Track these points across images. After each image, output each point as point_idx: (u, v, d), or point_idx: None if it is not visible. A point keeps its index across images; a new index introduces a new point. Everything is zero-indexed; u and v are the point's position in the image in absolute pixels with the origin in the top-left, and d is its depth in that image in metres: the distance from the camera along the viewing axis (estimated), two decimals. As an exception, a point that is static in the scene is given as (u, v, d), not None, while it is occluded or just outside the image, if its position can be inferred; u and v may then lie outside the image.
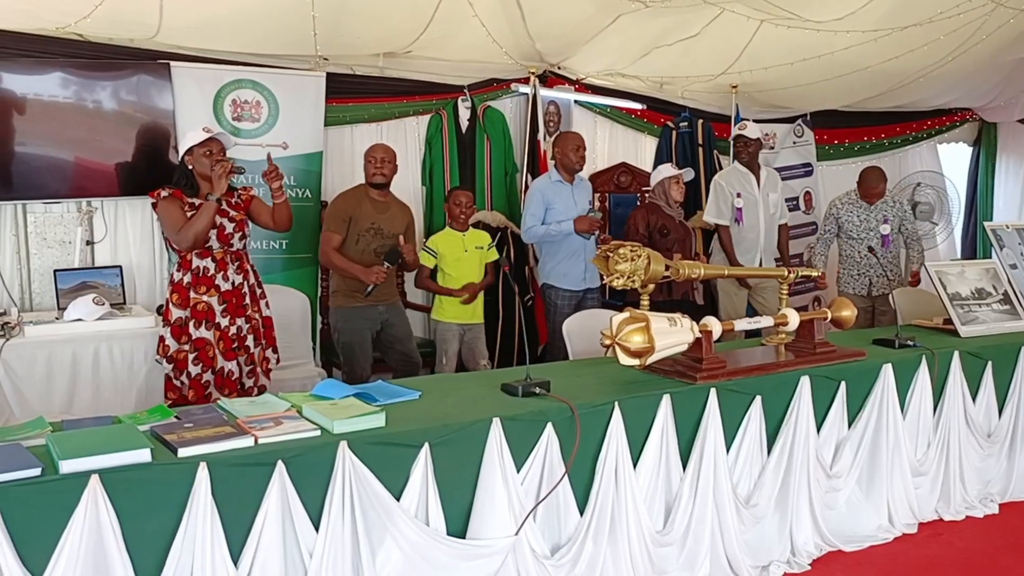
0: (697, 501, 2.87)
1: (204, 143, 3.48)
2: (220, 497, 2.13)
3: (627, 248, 3.17)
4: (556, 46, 5.23)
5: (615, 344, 2.85)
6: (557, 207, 4.69)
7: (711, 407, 2.92)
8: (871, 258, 5.00)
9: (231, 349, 3.53)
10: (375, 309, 4.12)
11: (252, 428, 2.32)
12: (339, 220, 4.05)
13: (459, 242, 4.55)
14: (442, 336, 4.52)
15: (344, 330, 4.13)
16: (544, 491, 2.60)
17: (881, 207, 5.11)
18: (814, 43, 5.17)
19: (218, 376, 3.52)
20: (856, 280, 5.12)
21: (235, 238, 3.56)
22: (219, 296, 3.51)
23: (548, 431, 2.61)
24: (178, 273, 3.53)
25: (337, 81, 4.86)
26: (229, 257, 3.55)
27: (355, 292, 4.08)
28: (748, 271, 4.27)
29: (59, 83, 4.17)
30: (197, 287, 3.49)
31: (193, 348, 3.47)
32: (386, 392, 2.74)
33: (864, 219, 5.09)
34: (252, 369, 3.62)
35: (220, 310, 3.51)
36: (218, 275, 3.51)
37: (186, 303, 3.48)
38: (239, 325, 3.56)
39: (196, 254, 3.49)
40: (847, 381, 3.28)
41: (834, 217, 5.17)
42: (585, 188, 4.86)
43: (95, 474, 2.00)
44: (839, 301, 3.49)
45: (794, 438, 3.09)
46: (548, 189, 4.73)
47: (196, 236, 3.42)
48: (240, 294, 3.57)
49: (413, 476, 2.39)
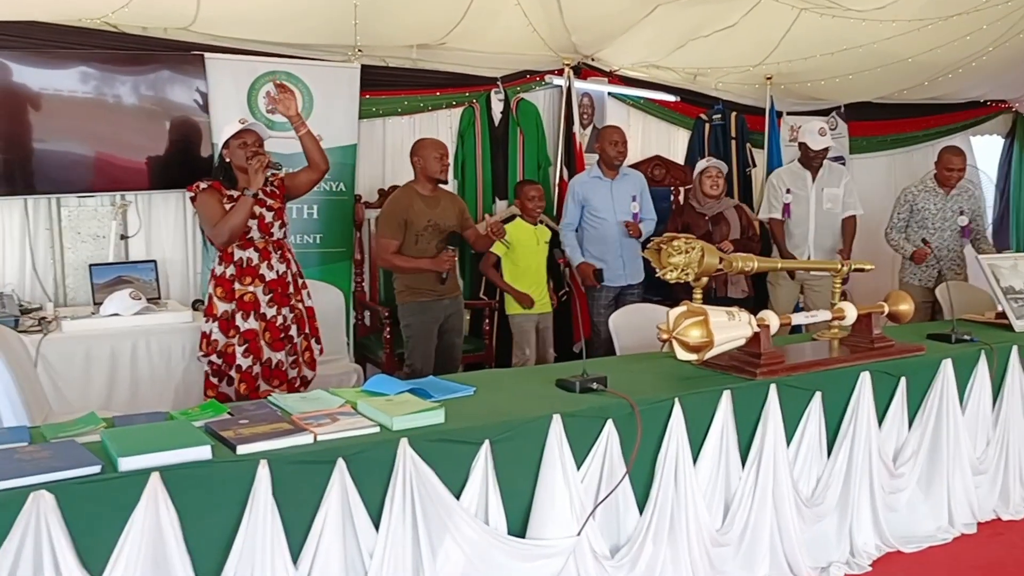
0: (756, 499, 2.79)
1: (238, 135, 3.43)
2: (280, 495, 2.06)
3: (681, 240, 3.09)
4: (591, 38, 5.15)
5: (672, 338, 2.78)
6: (594, 203, 4.63)
7: (771, 403, 2.84)
8: (941, 249, 4.89)
9: (278, 339, 3.49)
10: (441, 304, 4.07)
11: (309, 425, 2.25)
12: (395, 225, 3.96)
13: (531, 235, 4.56)
14: (519, 328, 4.54)
15: (414, 325, 4.05)
16: (604, 489, 2.52)
17: (957, 198, 4.99)
18: (854, 33, 5.06)
19: (265, 368, 3.48)
20: (923, 271, 5.00)
21: (275, 227, 3.51)
22: (264, 286, 3.46)
23: (608, 428, 2.53)
24: (220, 266, 3.47)
25: (370, 73, 4.78)
26: (271, 246, 3.51)
27: (420, 287, 4.01)
28: (801, 264, 4.18)
29: (85, 77, 4.13)
30: (242, 278, 3.44)
31: (242, 340, 3.42)
32: (440, 388, 2.66)
33: (940, 208, 4.97)
34: (296, 360, 3.57)
35: (266, 300, 3.47)
36: (262, 264, 3.47)
37: (231, 295, 3.43)
38: (284, 315, 3.52)
39: (238, 245, 3.44)
40: (907, 377, 3.18)
41: (909, 204, 5.04)
42: (630, 183, 4.75)
43: (155, 472, 1.93)
44: (896, 294, 3.40)
45: (855, 436, 3.00)
46: (585, 186, 4.69)
47: (232, 231, 3.36)
48: (284, 283, 3.53)
49: (473, 474, 2.32)
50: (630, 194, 4.71)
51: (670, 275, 3.10)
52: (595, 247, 4.66)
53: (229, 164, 3.45)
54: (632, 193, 4.73)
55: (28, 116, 4.03)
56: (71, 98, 4.09)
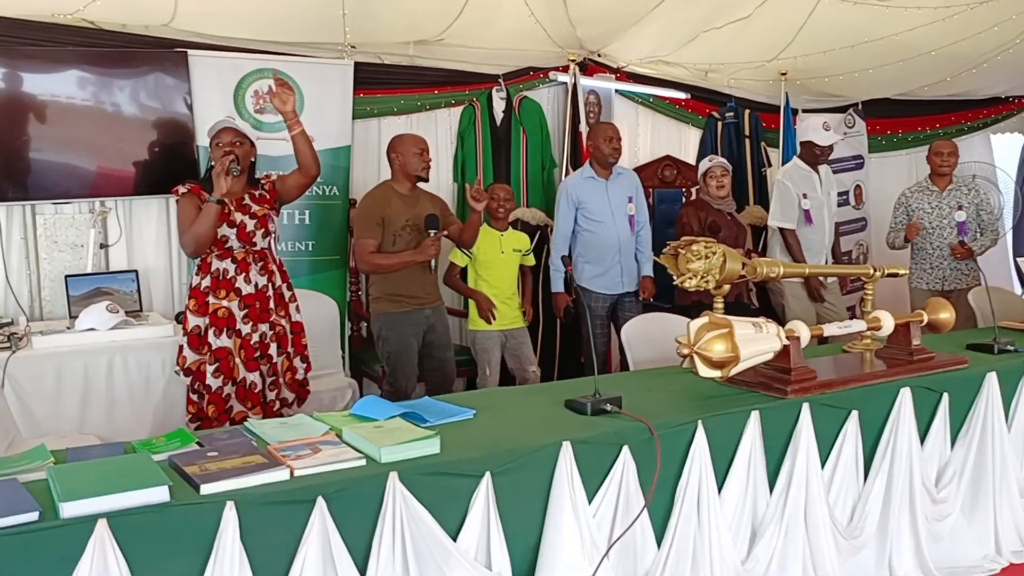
0: (787, 530, 2.51)
1: (216, 135, 3.18)
2: (250, 541, 1.80)
3: (701, 244, 2.82)
4: (598, 32, 4.88)
5: (694, 353, 2.51)
6: (589, 206, 4.31)
7: (803, 424, 2.56)
8: (944, 250, 4.63)
9: (253, 359, 3.21)
10: (421, 313, 3.77)
11: (286, 457, 1.99)
12: (371, 224, 3.68)
13: (496, 242, 4.19)
14: (482, 346, 4.17)
15: (390, 338, 3.76)
16: (620, 524, 2.25)
17: (954, 193, 4.74)
18: (876, 24, 4.79)
19: (239, 388, 3.20)
20: (928, 274, 4.74)
21: (258, 235, 3.22)
22: (240, 301, 3.18)
23: (624, 455, 2.26)
24: (196, 277, 3.22)
25: (364, 71, 4.53)
26: (252, 257, 3.22)
27: (399, 296, 3.72)
28: (830, 270, 3.90)
29: (69, 80, 3.89)
30: (216, 291, 3.17)
31: (213, 359, 3.15)
32: (435, 411, 2.40)
33: (936, 206, 4.72)
34: (275, 380, 3.29)
35: (241, 316, 3.18)
36: (239, 277, 3.18)
37: (204, 309, 3.16)
38: (262, 332, 3.23)
39: (215, 255, 3.17)
40: (949, 392, 2.90)
41: (904, 206, 4.81)
42: (625, 183, 4.43)
43: (102, 518, 1.67)
44: (935, 302, 3.13)
45: (894, 458, 2.72)
46: (578, 187, 4.34)
47: (197, 241, 3.10)
48: (264, 297, 3.24)
49: (473, 511, 2.05)
50: (626, 195, 4.39)
51: (689, 283, 2.83)
52: (591, 253, 4.32)
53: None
54: (628, 194, 4.40)
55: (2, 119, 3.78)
56: (45, 99, 3.84)
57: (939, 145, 4.80)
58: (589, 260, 4.29)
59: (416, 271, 3.68)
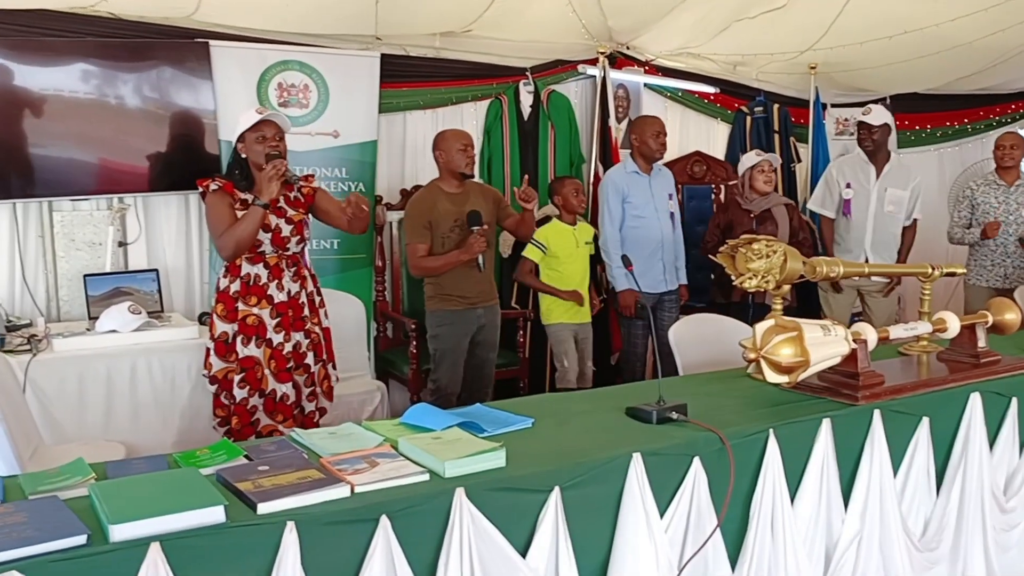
0: (863, 545, 2.38)
1: (255, 127, 2.98)
2: (310, 563, 1.66)
3: (762, 243, 2.68)
4: (630, 22, 4.75)
5: (761, 357, 2.37)
6: (634, 200, 4.22)
7: (875, 432, 2.42)
8: (1008, 246, 4.49)
9: (285, 370, 3.05)
10: (473, 312, 3.66)
11: (343, 472, 1.85)
12: (420, 228, 3.57)
13: (570, 236, 4.10)
14: (557, 338, 4.09)
15: (441, 335, 3.65)
16: (692, 540, 2.12)
17: (1022, 188, 4.58)
18: (914, 14, 4.65)
19: (268, 400, 3.04)
20: (989, 271, 4.59)
21: (292, 241, 3.07)
22: (272, 309, 3.03)
23: (695, 467, 2.12)
24: (224, 280, 3.06)
25: (389, 64, 4.40)
26: (284, 263, 3.07)
27: (451, 293, 3.62)
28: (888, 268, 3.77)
29: (78, 71, 3.75)
30: (246, 297, 3.01)
31: (240, 368, 3.00)
32: (491, 419, 2.26)
33: (1003, 201, 4.57)
34: (313, 391, 3.14)
35: (273, 325, 3.03)
36: (271, 284, 3.04)
37: (233, 315, 3.01)
38: (296, 341, 3.08)
39: (246, 259, 3.01)
40: (1018, 397, 2.77)
41: (968, 199, 4.65)
42: (665, 179, 4.36)
43: (155, 542, 1.53)
44: (999, 302, 2.99)
45: (967, 467, 2.59)
46: (623, 181, 4.25)
47: (239, 244, 2.94)
48: (297, 305, 3.09)
49: (542, 527, 1.91)
50: (666, 191, 4.31)
51: (749, 283, 2.69)
52: (634, 249, 4.20)
53: (245, 161, 3.03)
54: (668, 191, 4.33)
55: (15, 113, 3.65)
56: (62, 93, 3.72)
57: (1002, 138, 4.66)
58: (632, 257, 4.15)
59: (464, 270, 3.55)
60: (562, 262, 4.06)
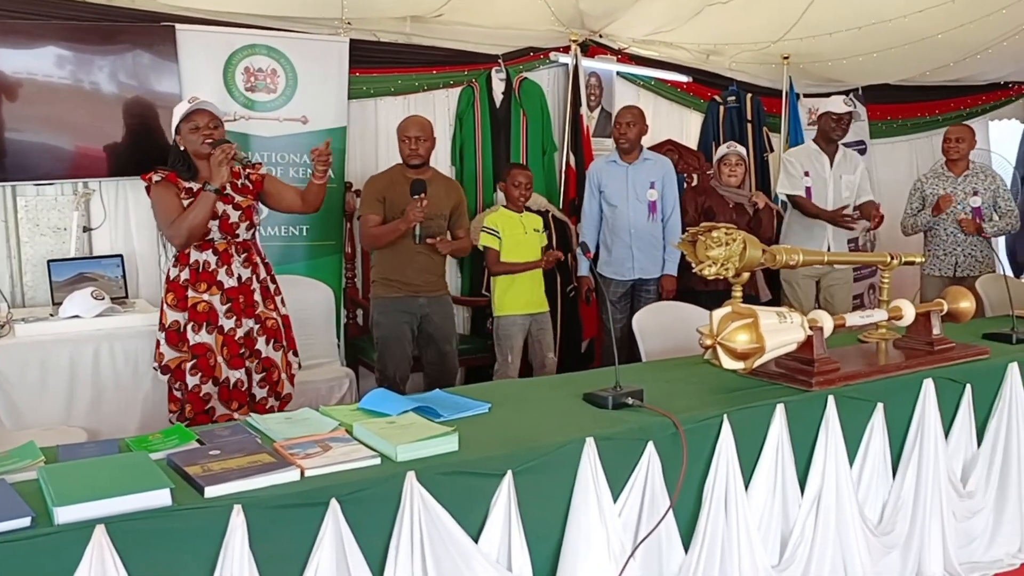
0: (819, 530, 2.42)
1: (189, 117, 2.98)
2: (259, 547, 1.67)
3: (721, 231, 2.70)
4: (601, 9, 4.73)
5: (718, 344, 2.39)
6: (608, 189, 4.28)
7: (830, 418, 2.46)
8: (957, 235, 4.55)
9: (237, 356, 3.03)
10: (415, 301, 3.66)
11: (295, 456, 1.86)
12: (373, 201, 3.61)
13: (518, 223, 4.07)
14: (505, 332, 4.04)
15: (381, 323, 3.68)
16: (645, 525, 2.14)
17: (970, 179, 4.65)
18: (884, 6, 4.68)
19: (223, 388, 3.02)
20: (941, 260, 4.65)
21: (241, 227, 3.06)
22: (222, 294, 3.02)
23: (649, 452, 2.14)
24: (175, 269, 3.03)
25: (359, 49, 4.36)
26: (234, 249, 3.06)
27: (392, 280, 3.64)
28: (848, 257, 3.81)
29: (48, 56, 3.69)
30: (196, 284, 3.00)
31: (192, 355, 2.98)
32: (448, 405, 2.27)
33: (951, 191, 4.62)
34: (265, 376, 3.11)
35: (224, 311, 3.02)
36: (220, 270, 3.02)
37: (183, 304, 2.99)
38: (248, 327, 3.06)
39: (195, 246, 3.00)
40: (972, 384, 2.82)
41: (919, 191, 4.71)
42: (650, 169, 4.33)
43: (100, 524, 1.54)
44: (955, 291, 3.03)
45: (922, 452, 2.63)
46: (600, 171, 4.35)
47: (191, 231, 2.92)
48: (248, 291, 3.07)
49: (494, 512, 1.93)
50: (648, 180, 4.30)
51: (708, 270, 2.71)
52: (606, 236, 4.31)
53: (185, 151, 3.02)
54: (651, 179, 4.31)
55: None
56: (21, 77, 3.65)
57: (950, 131, 4.72)
58: (605, 245, 4.22)
59: (409, 255, 3.57)
60: (512, 249, 4.02)
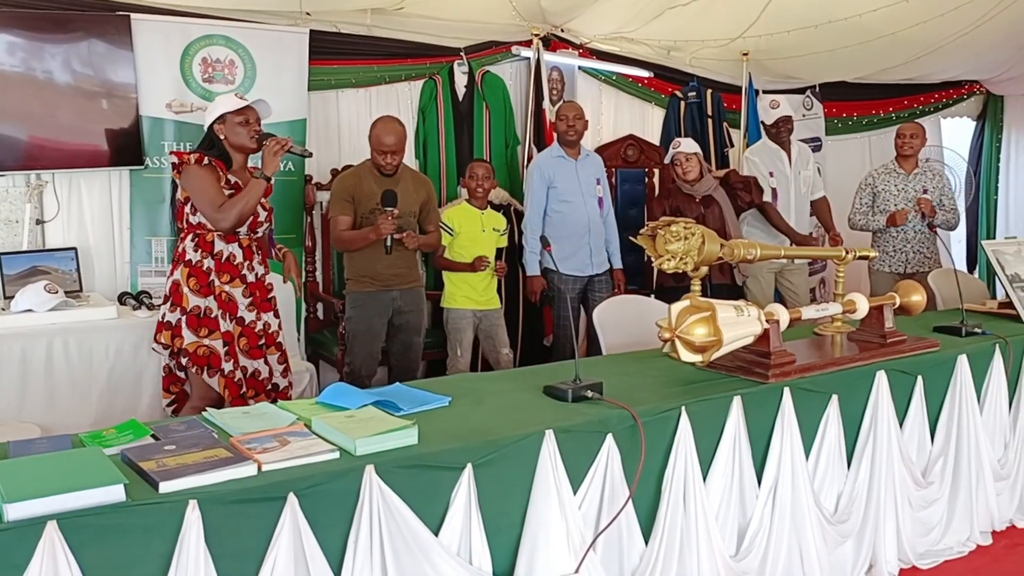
0: (775, 521, 2.46)
1: (241, 111, 3.02)
2: (215, 543, 1.66)
3: (680, 225, 2.73)
4: (562, 5, 4.74)
5: (676, 337, 2.42)
6: (560, 185, 4.24)
7: (786, 409, 2.51)
8: (908, 233, 4.64)
9: (256, 347, 3.10)
10: (388, 295, 3.65)
11: (252, 450, 1.84)
12: (343, 201, 3.59)
13: (477, 220, 4.05)
14: (455, 325, 4.03)
15: (353, 316, 3.67)
16: (605, 516, 2.16)
17: (920, 177, 4.74)
18: (840, 5, 4.76)
19: (251, 378, 3.08)
20: (892, 257, 4.73)
21: (263, 227, 3.16)
22: (245, 287, 3.08)
23: (608, 444, 2.17)
24: (195, 254, 3.01)
25: (319, 40, 4.31)
26: (255, 245, 3.14)
27: (364, 274, 3.62)
28: (806, 251, 3.86)
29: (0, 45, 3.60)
30: (220, 274, 3.03)
31: (224, 342, 3.01)
32: (409, 398, 2.27)
33: (902, 188, 4.71)
34: (286, 368, 3.19)
35: (246, 304, 3.08)
36: (245, 264, 3.08)
37: (208, 291, 3.00)
38: (266, 320, 3.14)
39: (219, 236, 3.02)
40: (923, 376, 2.89)
41: (870, 187, 4.78)
42: (593, 164, 4.39)
43: (52, 520, 1.51)
44: (907, 284, 3.10)
45: (876, 443, 2.69)
46: (549, 166, 4.27)
47: (241, 216, 2.97)
48: (264, 287, 3.17)
49: (454, 505, 1.94)
50: (594, 176, 4.34)
51: (667, 264, 2.74)
52: (560, 233, 4.22)
53: (222, 141, 3.04)
54: (596, 175, 4.36)
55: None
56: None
57: (903, 127, 4.80)
58: (559, 241, 4.18)
59: (379, 252, 3.54)
60: (466, 244, 4.01)
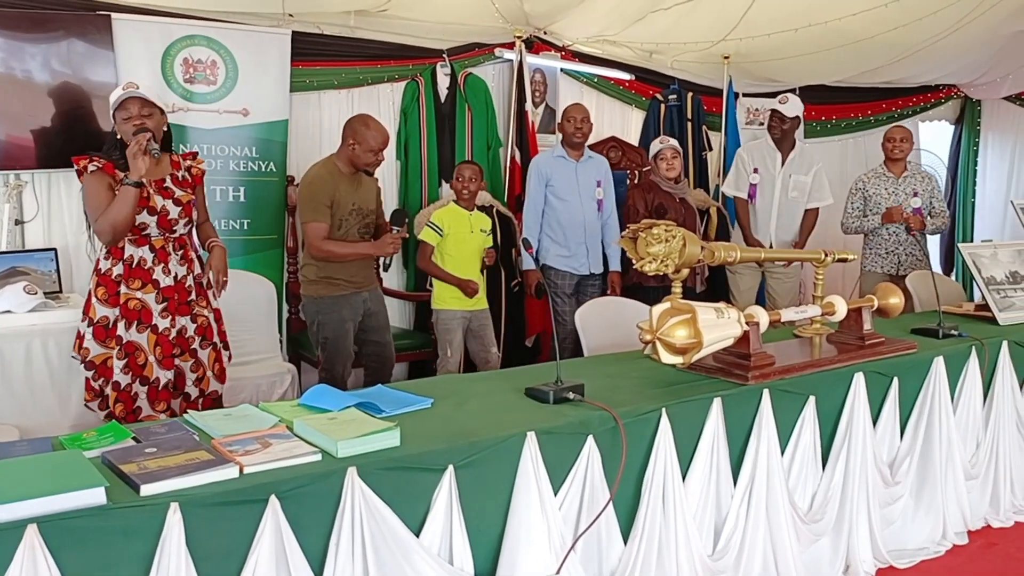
0: (750, 520, 2.49)
1: (121, 105, 2.82)
2: (196, 546, 1.66)
3: (661, 227, 2.75)
4: (544, 8, 4.76)
5: (656, 339, 2.45)
6: (557, 184, 4.31)
7: (764, 410, 2.54)
8: (900, 234, 4.68)
9: (170, 356, 2.94)
10: (358, 297, 3.62)
11: (234, 453, 1.84)
12: (322, 207, 3.44)
13: (465, 221, 4.06)
14: (445, 327, 4.03)
15: (326, 323, 3.58)
16: (585, 518, 2.18)
17: (910, 180, 4.79)
18: (820, 8, 4.81)
19: (151, 388, 2.92)
20: (884, 258, 4.77)
21: (180, 224, 2.95)
22: (158, 293, 2.91)
23: (589, 445, 2.19)
24: (106, 261, 2.90)
25: (302, 41, 4.31)
26: (171, 245, 2.95)
27: (336, 279, 3.55)
28: (783, 254, 3.91)
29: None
30: (129, 281, 2.88)
31: (123, 353, 2.87)
32: (391, 400, 2.27)
33: (892, 192, 4.76)
34: (202, 376, 3.03)
35: (159, 310, 2.91)
36: (157, 268, 2.91)
37: (115, 300, 2.88)
38: (182, 325, 2.97)
39: (130, 240, 2.87)
40: (899, 377, 2.93)
41: (860, 191, 4.82)
42: (595, 166, 4.45)
43: (32, 524, 1.51)
44: (885, 287, 3.14)
45: (851, 443, 2.73)
46: (547, 165, 4.36)
47: (115, 229, 2.77)
48: (184, 289, 2.98)
49: (435, 506, 1.95)
50: (595, 178, 4.41)
51: (648, 266, 2.76)
52: (556, 231, 4.33)
53: (121, 140, 2.87)
54: (597, 178, 4.43)
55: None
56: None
57: (892, 131, 4.82)
58: (555, 239, 4.25)
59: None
60: (454, 245, 4.02)
